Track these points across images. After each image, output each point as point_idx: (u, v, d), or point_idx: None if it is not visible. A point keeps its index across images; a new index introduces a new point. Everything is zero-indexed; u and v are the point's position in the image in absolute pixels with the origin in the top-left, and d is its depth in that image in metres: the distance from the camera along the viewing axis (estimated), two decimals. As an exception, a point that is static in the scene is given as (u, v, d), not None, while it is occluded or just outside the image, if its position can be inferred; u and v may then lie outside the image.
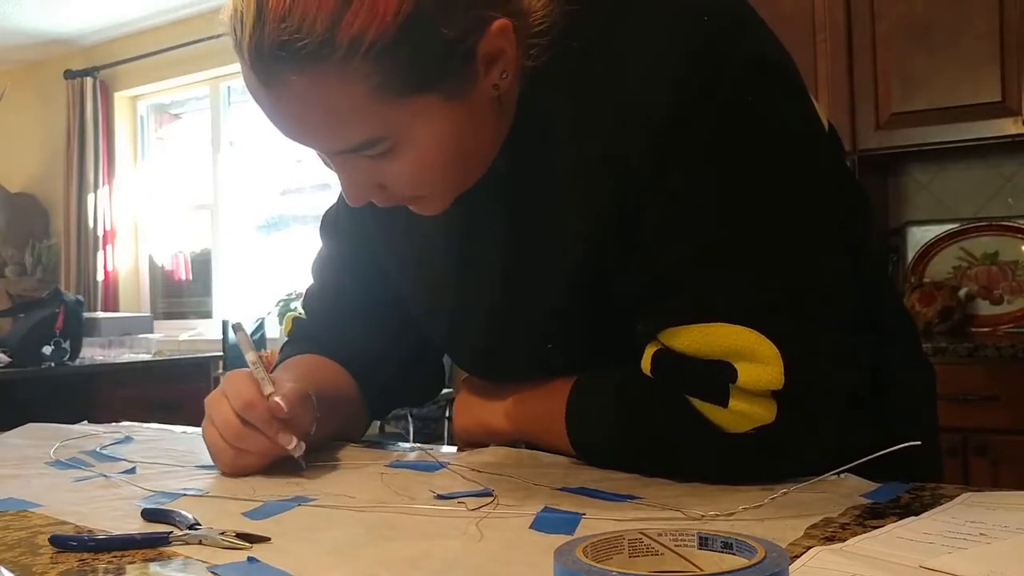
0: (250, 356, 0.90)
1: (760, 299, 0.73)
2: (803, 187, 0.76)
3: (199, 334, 5.14)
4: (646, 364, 0.78)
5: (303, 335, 1.09)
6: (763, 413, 0.73)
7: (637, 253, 0.77)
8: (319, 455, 0.93)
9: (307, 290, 1.11)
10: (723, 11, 0.76)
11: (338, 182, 0.81)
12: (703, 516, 0.65)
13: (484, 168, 0.82)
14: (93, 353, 3.71)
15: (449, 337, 0.98)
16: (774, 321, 0.72)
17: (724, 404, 0.74)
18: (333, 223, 1.07)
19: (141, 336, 3.98)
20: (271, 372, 0.91)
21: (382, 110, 0.71)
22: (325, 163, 0.80)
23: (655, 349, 0.78)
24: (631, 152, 0.74)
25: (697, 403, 0.75)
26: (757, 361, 0.72)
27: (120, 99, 5.63)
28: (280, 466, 0.86)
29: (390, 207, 0.82)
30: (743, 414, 0.73)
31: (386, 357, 1.06)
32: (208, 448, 0.89)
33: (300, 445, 0.85)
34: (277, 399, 0.84)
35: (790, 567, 0.43)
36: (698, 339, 0.74)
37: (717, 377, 0.73)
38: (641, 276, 0.77)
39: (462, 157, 0.77)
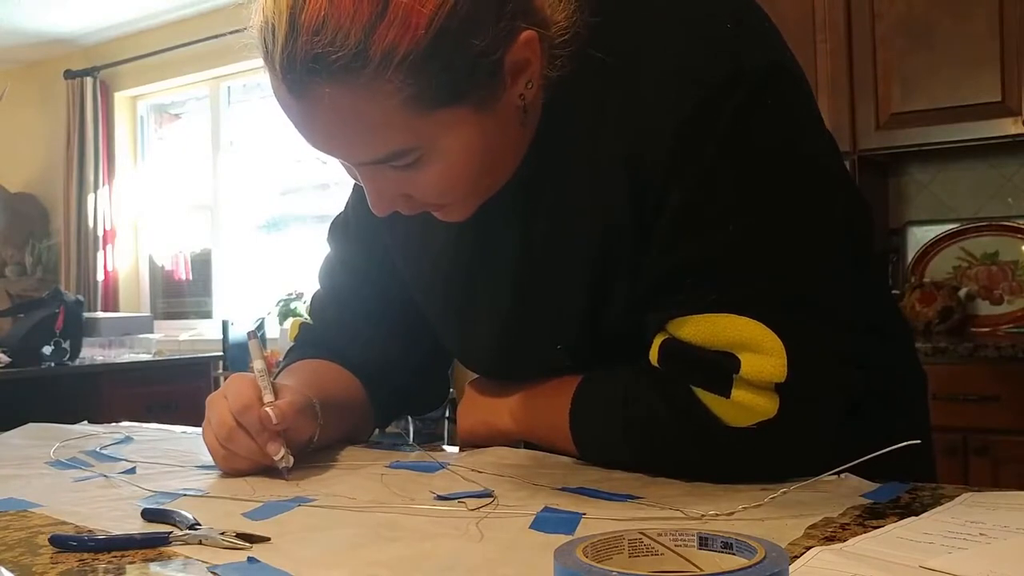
0: (257, 364, 0.90)
1: (767, 294, 0.74)
2: (812, 189, 0.77)
3: (199, 334, 5.14)
4: (654, 354, 0.79)
5: (311, 340, 1.09)
6: (765, 406, 0.74)
7: (650, 252, 0.78)
8: (319, 456, 0.93)
9: (314, 295, 1.11)
10: (740, 17, 0.77)
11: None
12: (703, 516, 0.65)
13: (509, 175, 0.82)
14: (93, 353, 3.71)
15: (460, 339, 0.98)
16: (779, 315, 0.73)
17: (727, 394, 0.74)
18: (343, 228, 1.07)
19: (141, 336, 3.98)
20: (275, 377, 0.91)
21: (412, 122, 0.71)
22: (350, 174, 0.81)
23: (663, 339, 0.78)
24: (647, 153, 0.75)
25: (701, 394, 0.76)
26: (761, 352, 0.73)
27: (120, 99, 5.62)
28: (271, 470, 0.86)
29: (406, 216, 0.82)
30: (745, 406, 0.74)
31: (397, 362, 1.05)
32: (207, 447, 0.90)
33: (287, 457, 0.85)
34: (268, 410, 0.84)
35: (790, 567, 0.43)
36: (704, 329, 0.75)
37: (721, 366, 0.74)
38: (653, 272, 0.78)
39: (489, 166, 0.78)
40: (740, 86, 0.73)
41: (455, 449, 1.01)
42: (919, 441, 0.72)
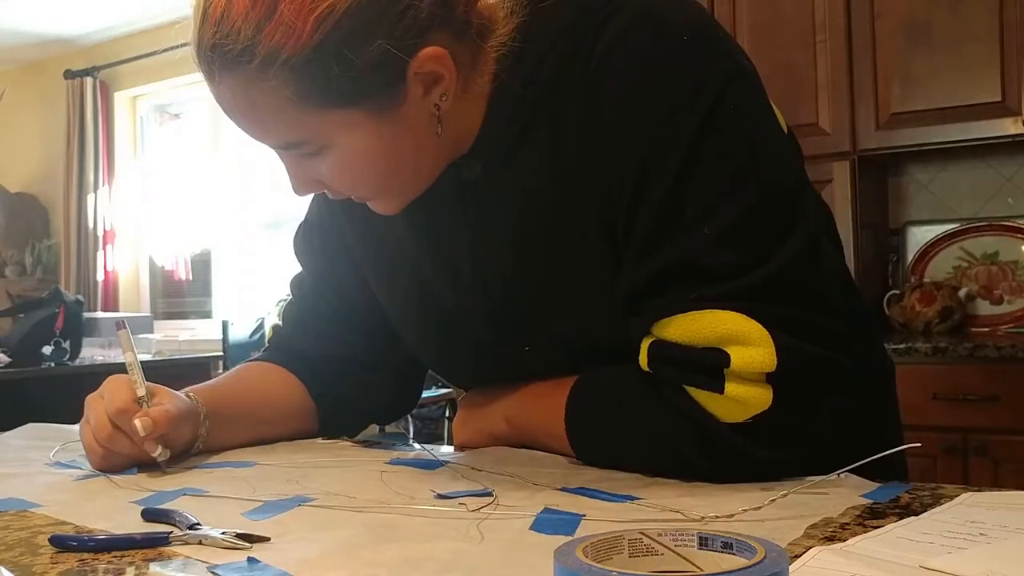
0: (127, 357, 0.93)
1: (747, 287, 0.74)
2: (781, 183, 0.78)
3: (199, 334, 5.14)
4: (643, 358, 0.79)
5: (275, 343, 1.12)
6: (760, 397, 0.74)
7: (626, 261, 0.79)
8: (319, 456, 0.93)
9: (286, 301, 1.15)
10: (697, 25, 0.79)
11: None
12: (703, 518, 0.65)
13: (435, 174, 0.85)
14: (93, 353, 3.70)
15: (418, 341, 1.00)
16: (763, 306, 0.74)
17: (720, 390, 0.74)
18: (307, 234, 1.09)
19: (141, 336, 3.98)
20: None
21: (302, 117, 0.77)
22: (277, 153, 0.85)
23: (650, 341, 0.79)
24: (614, 166, 0.77)
25: (695, 392, 0.76)
26: (748, 344, 0.73)
27: (120, 99, 5.62)
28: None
29: (364, 218, 0.87)
30: (740, 400, 0.74)
31: (358, 359, 1.07)
32: (83, 445, 0.92)
33: (165, 452, 0.89)
34: (137, 423, 0.86)
35: (790, 567, 0.43)
36: (688, 327, 0.75)
37: (711, 363, 0.74)
38: (631, 280, 0.79)
39: (397, 165, 0.81)
40: (703, 94, 0.75)
41: (453, 450, 1.01)
42: (919, 444, 0.72)
